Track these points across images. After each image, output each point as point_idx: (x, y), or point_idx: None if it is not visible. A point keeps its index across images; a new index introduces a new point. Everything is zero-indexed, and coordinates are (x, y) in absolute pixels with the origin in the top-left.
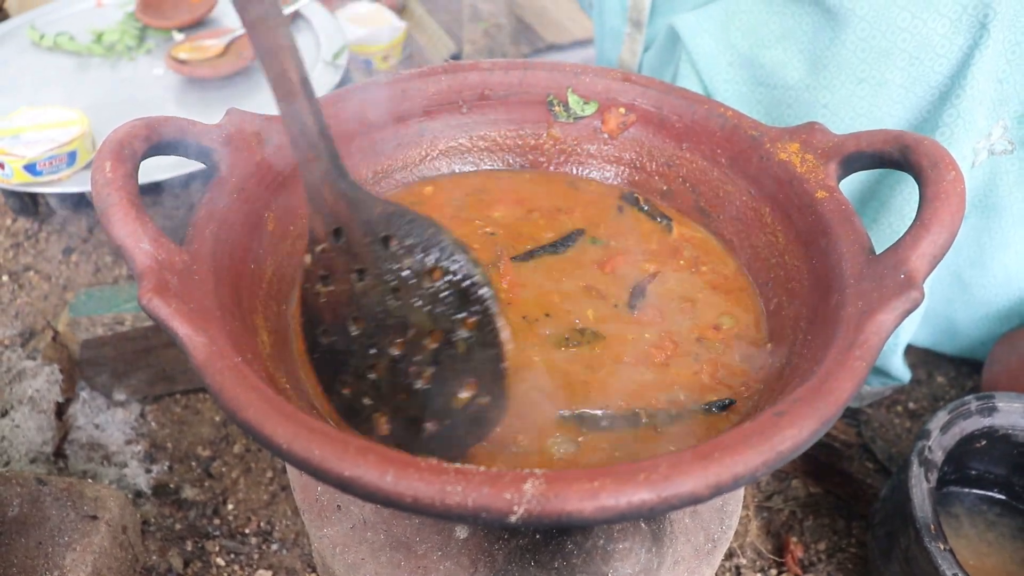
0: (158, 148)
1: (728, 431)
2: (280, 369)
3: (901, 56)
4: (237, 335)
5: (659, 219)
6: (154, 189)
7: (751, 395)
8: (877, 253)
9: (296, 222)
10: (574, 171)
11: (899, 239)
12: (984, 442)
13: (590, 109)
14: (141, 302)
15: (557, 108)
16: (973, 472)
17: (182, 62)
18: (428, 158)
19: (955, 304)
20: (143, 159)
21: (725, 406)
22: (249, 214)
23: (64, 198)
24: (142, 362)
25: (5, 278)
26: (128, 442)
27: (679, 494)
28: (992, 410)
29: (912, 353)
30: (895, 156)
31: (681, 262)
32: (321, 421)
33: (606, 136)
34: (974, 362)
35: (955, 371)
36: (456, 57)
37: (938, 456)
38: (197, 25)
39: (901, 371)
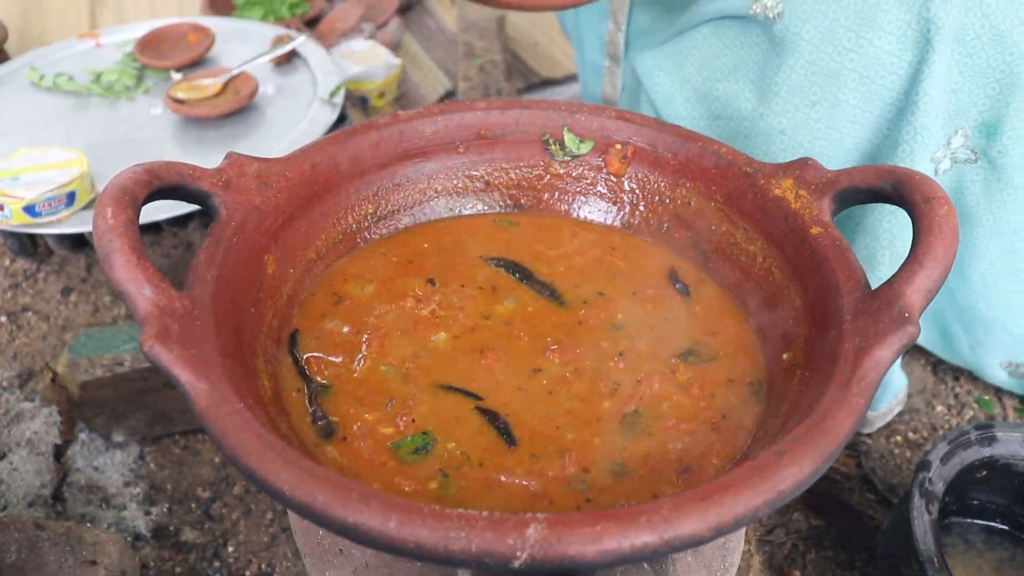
0: (159, 193)
1: (729, 471)
2: (281, 413)
3: (851, 76)
4: (238, 380)
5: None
6: (153, 228)
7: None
8: (872, 288)
9: (296, 264)
10: (571, 211)
11: (894, 274)
12: (985, 472)
13: (586, 148)
14: (143, 349)
15: (553, 147)
16: (975, 502)
17: (180, 102)
18: (426, 199)
19: (943, 308)
20: (144, 204)
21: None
22: (249, 257)
23: (63, 238)
24: (141, 403)
25: (3, 319)
26: (127, 484)
27: (681, 536)
28: (992, 440)
29: (911, 383)
30: (888, 191)
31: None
32: (322, 466)
33: (608, 175)
34: (971, 382)
35: (954, 399)
36: (451, 93)
37: (939, 487)
38: (195, 64)
39: (898, 381)
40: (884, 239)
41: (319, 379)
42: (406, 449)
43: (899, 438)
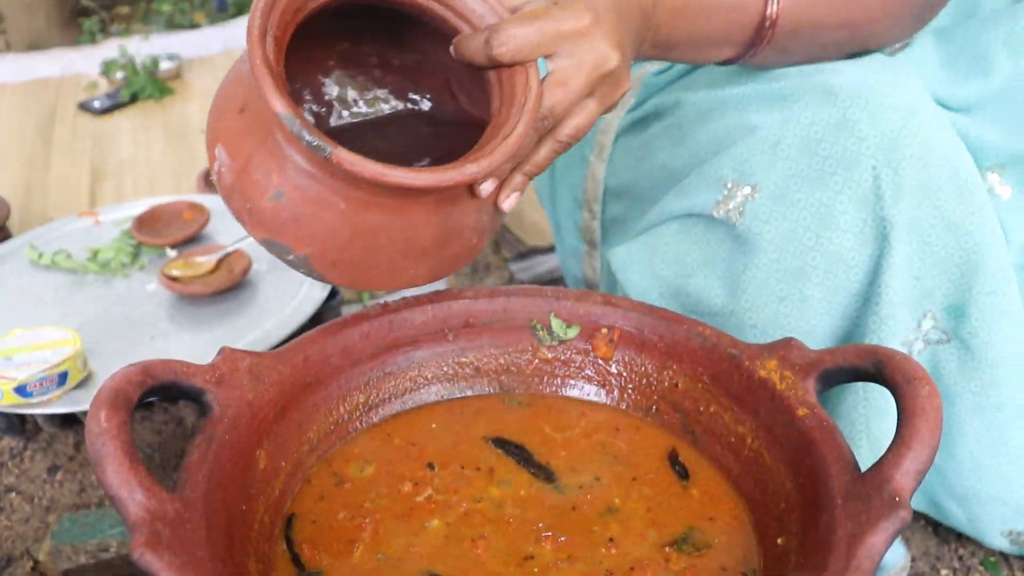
0: (153, 392)
1: None
2: None
3: (815, 272)
4: None
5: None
6: (144, 405)
7: None
8: (862, 470)
9: (288, 458)
10: (560, 393)
11: (882, 457)
12: None
13: (573, 332)
14: (133, 556)
15: (541, 332)
16: None
17: (174, 279)
18: (417, 386)
19: (934, 485)
20: (138, 404)
21: None
22: (241, 453)
23: (53, 415)
24: None
25: None
26: None
27: None
28: None
29: (914, 546)
30: (870, 371)
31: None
32: None
33: (596, 359)
34: (974, 543)
35: (959, 562)
36: None
37: None
38: (190, 242)
39: (894, 557)
40: (860, 424)
41: (312, 567)
42: None
43: None
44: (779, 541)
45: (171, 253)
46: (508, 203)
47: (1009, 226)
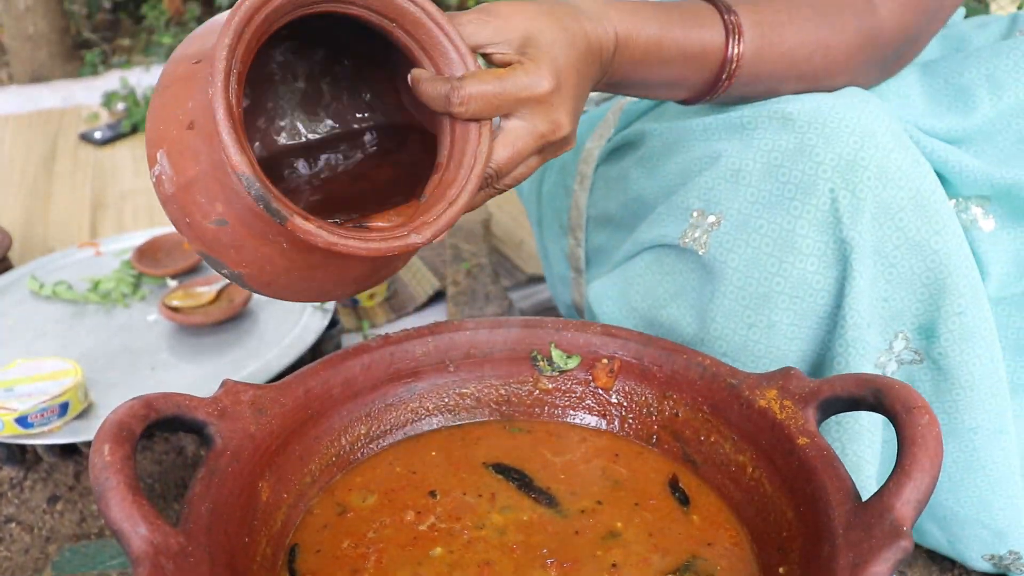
0: (156, 426)
1: None
2: None
3: (781, 298)
4: None
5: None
6: (145, 435)
7: None
8: (863, 499)
9: (290, 489)
10: (561, 422)
11: (882, 486)
12: None
13: (573, 363)
14: None
15: (541, 363)
16: None
17: (175, 309)
18: (418, 417)
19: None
20: (141, 437)
21: None
22: (244, 486)
23: (53, 446)
24: None
25: None
26: None
27: None
28: None
29: (918, 568)
30: (869, 400)
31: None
32: None
33: (596, 389)
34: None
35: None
36: (441, 293)
37: None
38: (190, 272)
39: None
40: (835, 449)
41: None
42: None
43: None
44: (781, 570)
45: (172, 283)
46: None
47: (990, 258)
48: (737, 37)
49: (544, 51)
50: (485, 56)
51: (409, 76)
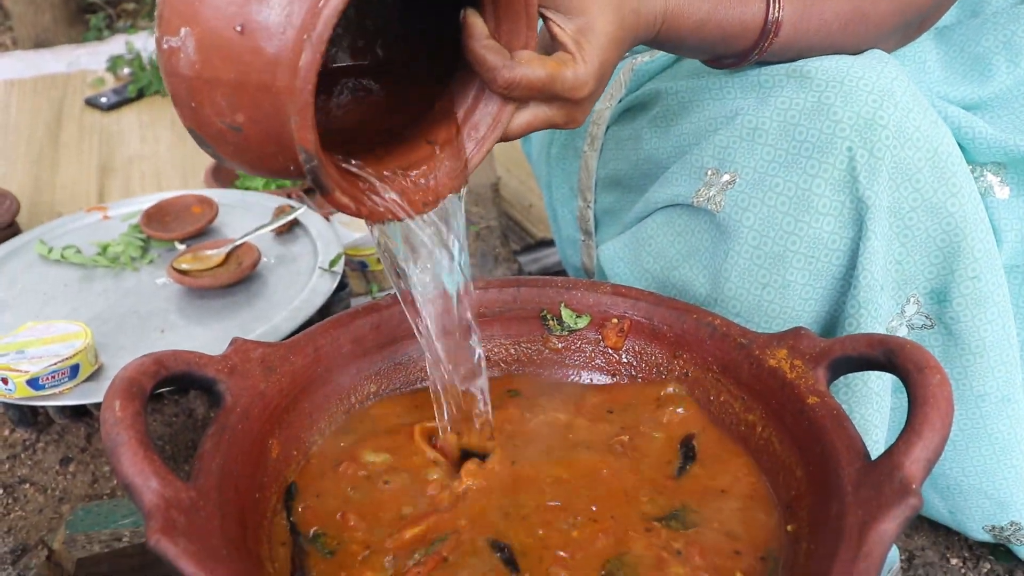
0: (166, 382)
1: None
2: None
3: (796, 257)
4: (243, 572)
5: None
6: (155, 397)
7: None
8: (872, 458)
9: (300, 447)
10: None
11: (892, 444)
12: None
13: (583, 322)
14: (149, 543)
15: (551, 322)
16: None
17: (183, 273)
18: (427, 376)
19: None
20: (152, 393)
21: None
22: (254, 443)
23: (64, 408)
24: None
25: (0, 491)
26: None
27: None
28: None
29: (923, 534)
30: (881, 360)
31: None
32: None
33: (606, 348)
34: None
35: (968, 551)
36: None
37: None
38: (199, 235)
39: (891, 553)
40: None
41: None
42: None
43: None
44: (789, 528)
45: (180, 247)
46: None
47: (1005, 226)
48: (778, 10)
49: (595, 46)
50: (542, 16)
51: (464, 17)
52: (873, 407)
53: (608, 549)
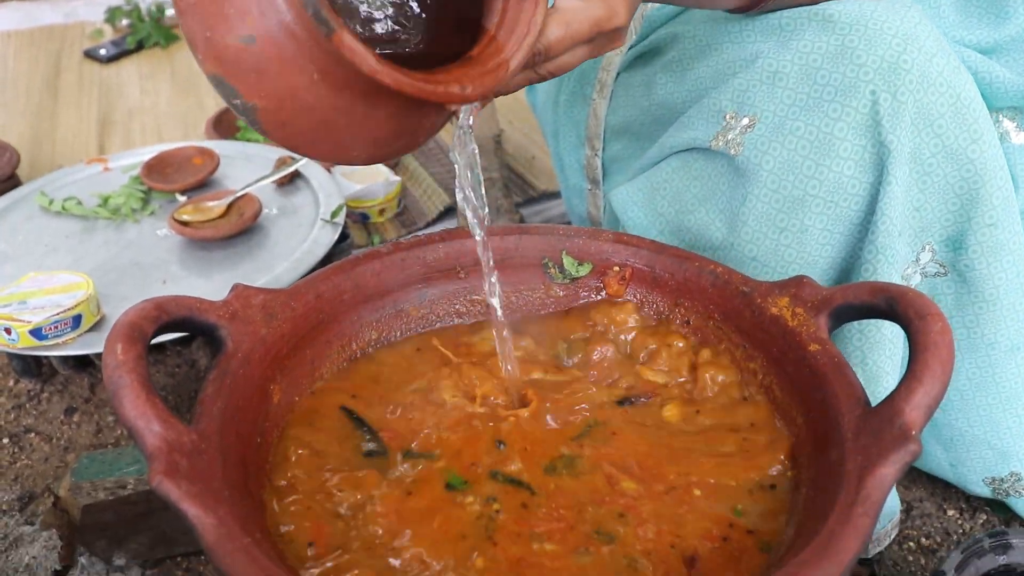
0: (167, 327)
1: None
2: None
3: (815, 202)
4: (246, 514)
5: None
6: (157, 348)
7: None
8: (872, 405)
9: (302, 393)
10: None
11: (893, 391)
12: None
13: (584, 270)
14: (152, 484)
15: (553, 270)
16: None
17: (184, 224)
18: (429, 324)
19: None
20: (153, 338)
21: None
22: (255, 388)
23: (67, 358)
24: (143, 525)
25: (5, 440)
26: None
27: None
28: (1007, 547)
29: (921, 486)
30: (883, 307)
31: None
32: None
33: (608, 297)
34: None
35: (965, 503)
36: (451, 209)
37: None
38: (200, 187)
39: (892, 504)
40: (856, 358)
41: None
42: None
43: (912, 544)
44: (789, 475)
45: (181, 198)
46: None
47: (1020, 172)
48: None
49: None
50: None
51: None
52: (885, 354)
53: None
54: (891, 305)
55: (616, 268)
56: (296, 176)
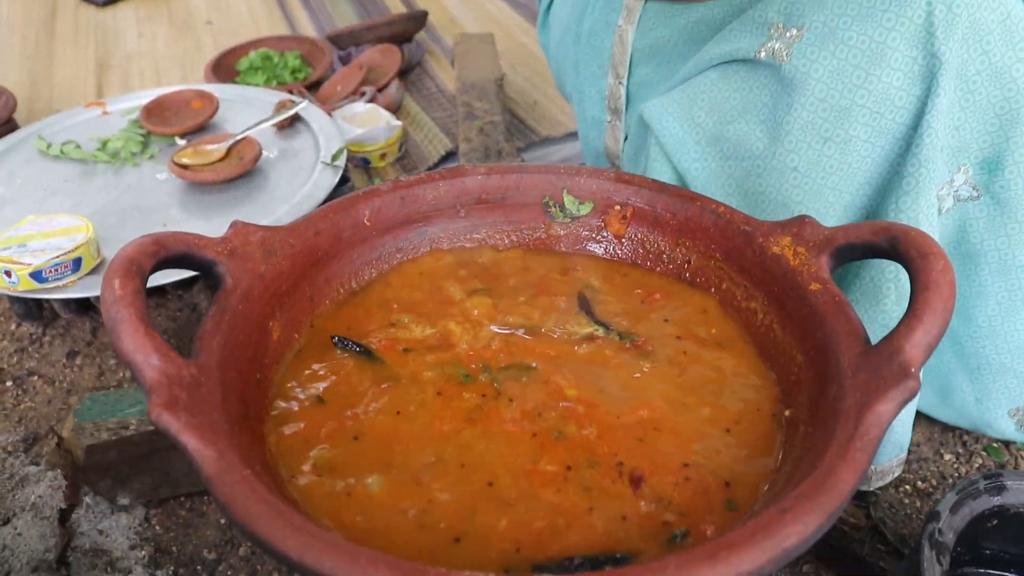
0: (165, 263)
1: (734, 529)
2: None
3: (862, 112)
4: (245, 447)
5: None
6: (158, 292)
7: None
8: (872, 343)
9: (300, 330)
10: None
11: (893, 329)
12: (995, 521)
13: (585, 209)
14: (151, 417)
15: (554, 209)
16: (987, 552)
17: (184, 167)
18: None
19: (947, 360)
20: (151, 274)
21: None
22: (254, 324)
23: (68, 302)
24: (146, 465)
25: (9, 383)
26: (132, 547)
27: None
28: (1001, 489)
29: (919, 430)
30: (884, 247)
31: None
32: (330, 531)
33: (608, 235)
34: (976, 433)
35: (962, 448)
36: (452, 154)
37: (949, 538)
38: (199, 131)
39: (901, 439)
40: (869, 299)
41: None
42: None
43: (908, 487)
44: (787, 413)
45: (181, 142)
46: None
47: None
48: None
49: None
50: None
51: None
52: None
53: None
54: (893, 244)
55: (617, 207)
56: (296, 120)
